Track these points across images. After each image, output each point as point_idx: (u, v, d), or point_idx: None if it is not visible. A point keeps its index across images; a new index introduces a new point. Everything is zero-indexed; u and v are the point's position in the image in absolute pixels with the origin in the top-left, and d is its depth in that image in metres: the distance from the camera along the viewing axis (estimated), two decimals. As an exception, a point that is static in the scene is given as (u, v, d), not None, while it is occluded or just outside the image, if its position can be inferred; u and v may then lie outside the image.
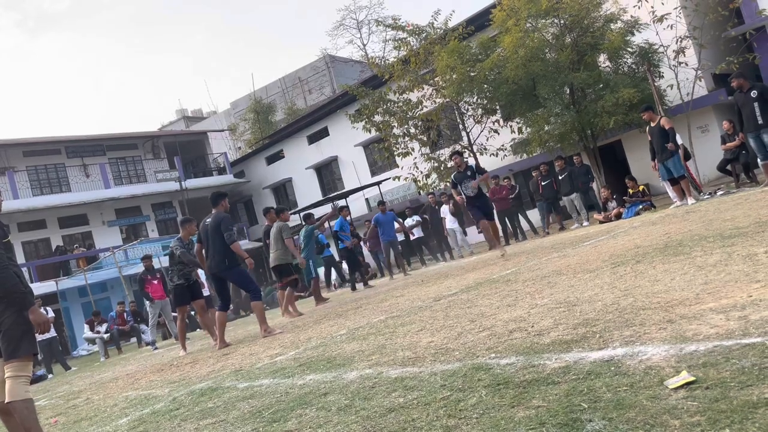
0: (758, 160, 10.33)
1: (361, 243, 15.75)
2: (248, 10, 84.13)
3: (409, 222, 15.42)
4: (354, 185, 25.27)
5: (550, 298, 4.01)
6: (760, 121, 9.41)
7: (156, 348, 11.47)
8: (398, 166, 21.79)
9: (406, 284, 9.62)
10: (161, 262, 24.01)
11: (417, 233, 15.46)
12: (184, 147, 32.01)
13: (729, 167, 11.81)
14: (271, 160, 32.57)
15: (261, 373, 4.23)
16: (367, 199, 25.70)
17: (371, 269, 20.42)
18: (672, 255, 4.41)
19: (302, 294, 15.22)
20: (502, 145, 17.91)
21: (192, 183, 28.96)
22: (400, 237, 14.99)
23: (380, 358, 3.49)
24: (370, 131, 19.16)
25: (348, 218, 13.54)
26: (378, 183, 23.06)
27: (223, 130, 38.37)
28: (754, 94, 9.55)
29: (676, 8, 15.43)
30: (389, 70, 18.31)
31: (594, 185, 14.46)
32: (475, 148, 17.70)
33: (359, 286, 13.03)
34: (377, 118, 18.65)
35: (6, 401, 3.26)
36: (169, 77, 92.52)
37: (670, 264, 4.03)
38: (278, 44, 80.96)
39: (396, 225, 13.53)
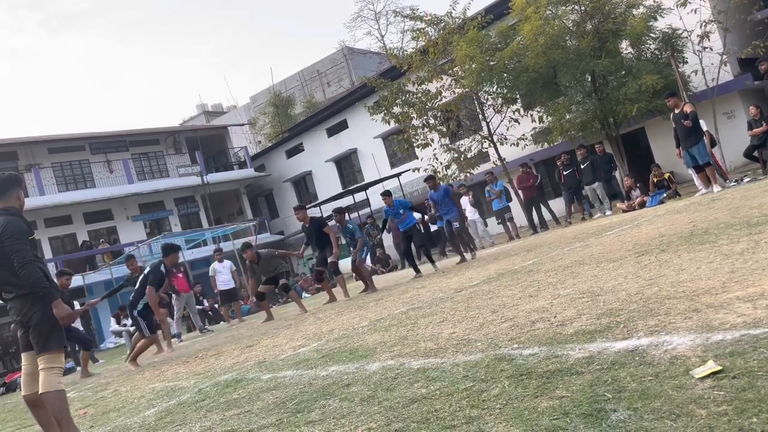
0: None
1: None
2: (266, 5, 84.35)
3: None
4: (374, 177, 25.26)
5: (573, 288, 3.98)
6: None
7: (181, 340, 11.63)
8: (418, 158, 21.74)
9: (428, 276, 9.62)
10: (184, 256, 24.34)
11: (438, 225, 15.43)
12: (204, 142, 32.32)
13: (756, 153, 11.57)
14: (291, 153, 32.72)
15: (284, 365, 4.27)
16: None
17: (392, 261, 20.46)
18: (697, 243, 4.35)
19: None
20: (523, 135, 17.73)
21: (213, 177, 29.24)
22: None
23: (402, 349, 3.50)
24: (389, 123, 19.10)
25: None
26: (398, 175, 23.02)
27: (243, 125, 38.62)
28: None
29: (700, -9, 15.08)
30: (407, 60, 18.20)
31: (617, 174, 14.27)
32: (495, 138, 17.56)
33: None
34: (396, 109, 18.58)
35: (40, 392, 3.34)
36: (190, 72, 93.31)
37: (695, 253, 3.97)
38: (297, 37, 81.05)
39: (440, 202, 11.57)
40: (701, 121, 10.76)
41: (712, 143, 11.23)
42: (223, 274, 13.44)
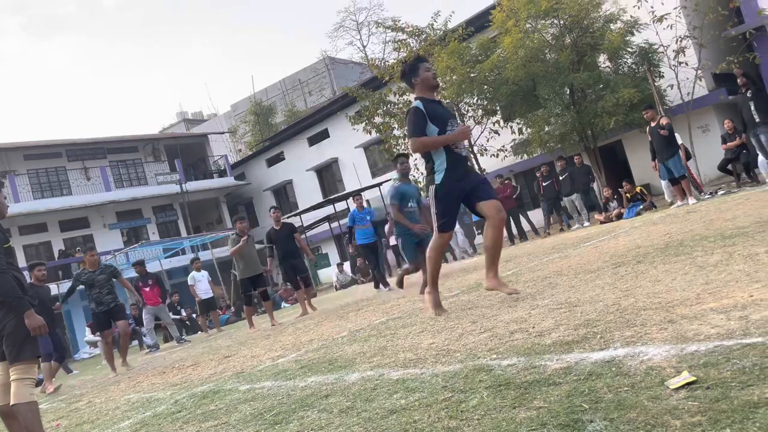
0: (758, 159, 10.35)
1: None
2: (248, 13, 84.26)
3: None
4: (355, 187, 25.28)
5: (551, 298, 4.01)
6: (757, 120, 9.52)
7: (157, 351, 11.48)
8: (399, 168, 21.75)
9: (407, 285, 9.61)
10: (162, 265, 24.06)
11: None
12: (184, 149, 32.06)
13: (730, 167, 11.81)
14: (271, 162, 32.61)
15: (262, 376, 4.23)
16: (368, 201, 25.68)
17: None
18: (673, 255, 4.41)
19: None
20: (503, 146, 17.92)
21: (192, 185, 29.00)
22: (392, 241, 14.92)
23: (381, 360, 3.49)
24: (370, 133, 19.19)
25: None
26: (379, 185, 23.07)
27: (223, 133, 38.43)
28: (749, 93, 9.66)
29: (675, 8, 15.43)
30: (389, 71, 18.33)
31: (595, 185, 14.47)
32: (475, 149, 17.71)
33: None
34: (377, 119, 18.68)
35: (11, 403, 3.27)
36: (170, 80, 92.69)
37: (671, 264, 4.03)
38: (278, 46, 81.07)
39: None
40: (677, 135, 10.96)
41: (687, 156, 11.45)
42: (202, 283, 13.31)
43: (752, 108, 9.72)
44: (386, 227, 12.62)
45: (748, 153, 11.17)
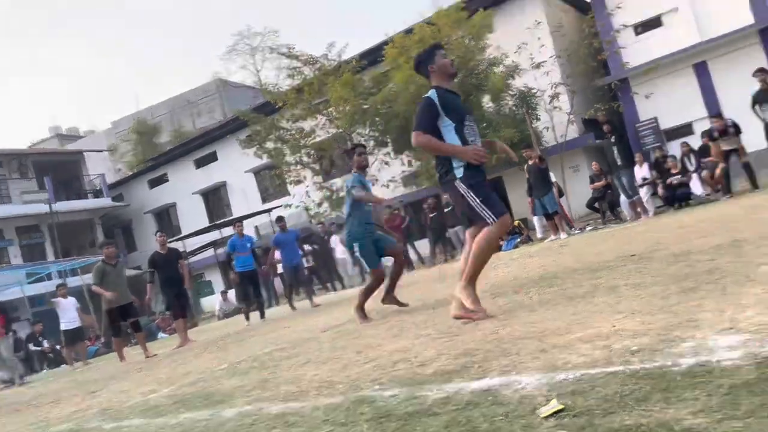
0: (620, 199, 11.36)
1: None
2: (136, 27, 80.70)
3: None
4: (243, 212, 24.65)
5: (435, 328, 4.08)
6: (619, 163, 10.52)
7: (14, 385, 10.35)
8: (290, 194, 21.59)
9: (294, 315, 9.45)
10: (24, 291, 21.93)
11: (306, 263, 15.31)
12: (56, 167, 29.73)
13: (597, 205, 12.83)
14: (154, 183, 31.06)
15: (131, 413, 3.92)
16: (256, 227, 25.14)
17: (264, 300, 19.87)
18: (547, 286, 4.67)
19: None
20: (393, 177, 18.31)
21: (63, 206, 26.87)
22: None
23: (262, 394, 3.36)
24: (261, 157, 18.88)
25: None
26: (269, 210, 22.67)
27: (101, 151, 36.14)
28: (613, 139, 10.67)
29: (551, 57, 16.76)
30: (282, 97, 18.24)
31: (477, 218, 15.10)
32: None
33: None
34: (269, 144, 18.46)
35: None
36: (43, 92, 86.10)
37: (545, 295, 4.26)
38: (166, 65, 78.21)
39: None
40: (551, 173, 11.77)
41: (560, 193, 12.30)
42: (68, 312, 12.24)
43: (615, 152, 10.71)
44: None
45: (612, 193, 12.23)
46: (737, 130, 10.05)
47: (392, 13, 64.35)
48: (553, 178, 11.97)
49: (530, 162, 11.59)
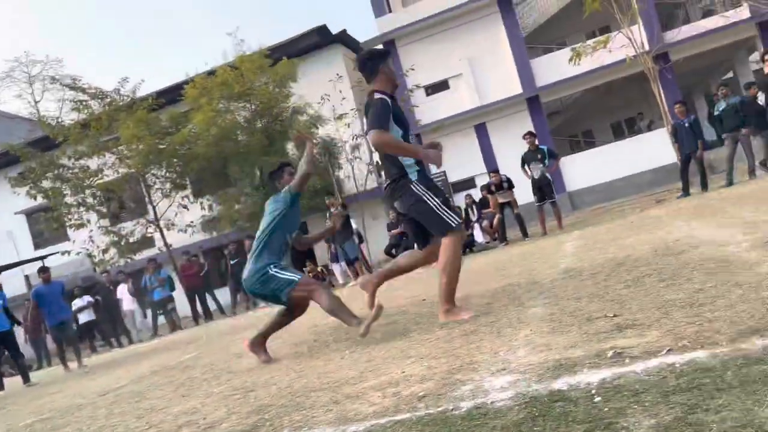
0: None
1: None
2: None
3: (78, 303, 13.59)
4: (12, 259, 21.46)
5: (227, 384, 3.84)
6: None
7: None
8: (70, 239, 19.35)
9: (72, 377, 8.32)
10: None
11: (87, 316, 13.67)
12: None
13: (394, 251, 13.50)
14: None
15: None
16: (27, 276, 22.04)
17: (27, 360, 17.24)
18: (344, 333, 4.70)
19: None
20: (192, 222, 17.43)
21: None
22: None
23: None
24: (35, 198, 16.72)
25: None
26: (43, 258, 19.99)
27: None
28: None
29: (352, 109, 17.58)
30: (64, 132, 16.50)
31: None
32: (162, 222, 16.83)
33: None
34: (46, 183, 16.46)
35: None
36: None
37: (342, 342, 4.27)
38: None
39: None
40: (352, 221, 12.16)
41: (360, 240, 12.73)
42: None
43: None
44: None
45: (407, 240, 12.99)
46: (510, 184, 11.37)
47: (194, 52, 62.69)
48: (354, 225, 12.36)
49: (332, 210, 11.86)
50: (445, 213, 3.65)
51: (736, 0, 18.40)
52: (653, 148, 17.86)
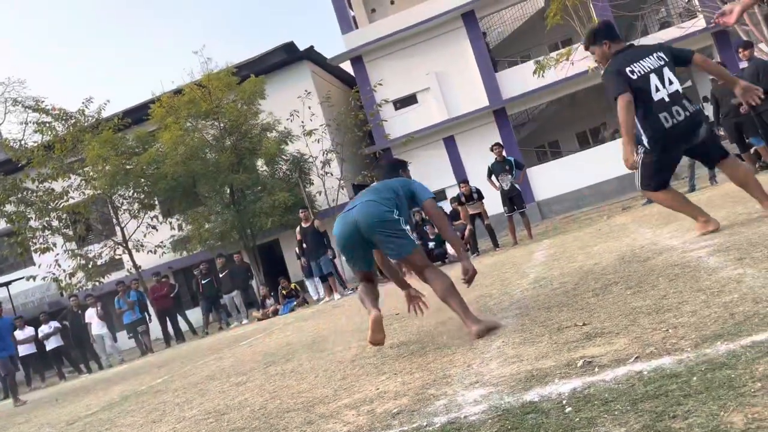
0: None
1: None
2: None
3: (44, 329, 13.23)
4: (-28, 287, 20.80)
5: (200, 408, 3.77)
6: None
7: None
8: (35, 264, 18.86)
9: (36, 406, 8.07)
10: None
11: (54, 342, 13.30)
12: None
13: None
14: None
15: None
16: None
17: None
18: (318, 351, 4.66)
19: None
20: (161, 242, 17.16)
21: None
22: (31, 349, 12.79)
23: None
24: (-2, 223, 16.28)
25: None
26: (7, 284, 19.47)
27: None
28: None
29: (322, 125, 17.58)
30: (28, 154, 16.14)
31: (253, 283, 14.83)
32: (130, 244, 16.52)
33: None
34: (9, 207, 16.04)
35: None
36: None
37: (316, 360, 4.23)
38: None
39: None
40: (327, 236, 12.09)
41: (333, 255, 12.66)
42: None
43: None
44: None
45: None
46: (480, 195, 11.46)
47: (159, 71, 62.04)
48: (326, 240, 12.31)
49: (304, 224, 11.81)
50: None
51: (691, 12, 19.00)
52: (618, 157, 18.19)
